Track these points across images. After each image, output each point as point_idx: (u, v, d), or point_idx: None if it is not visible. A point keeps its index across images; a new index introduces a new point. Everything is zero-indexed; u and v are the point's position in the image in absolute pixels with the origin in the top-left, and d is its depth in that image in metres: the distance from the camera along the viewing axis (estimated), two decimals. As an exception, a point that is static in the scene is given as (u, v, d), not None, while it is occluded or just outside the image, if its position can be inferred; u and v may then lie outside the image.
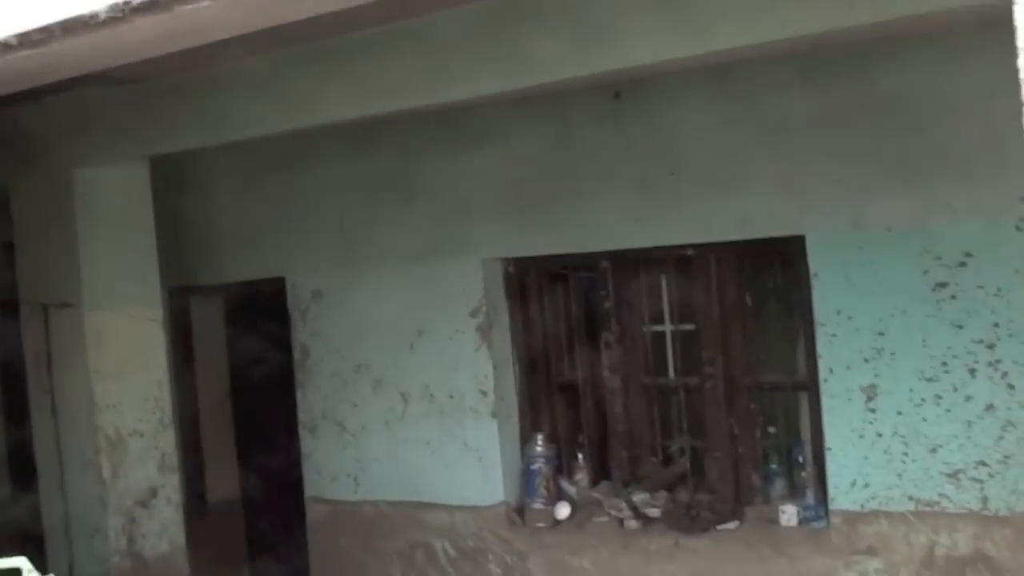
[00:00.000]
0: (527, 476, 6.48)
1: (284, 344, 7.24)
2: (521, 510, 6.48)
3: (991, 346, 5.08)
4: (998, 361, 5.07)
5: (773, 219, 5.57)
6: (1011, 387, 5.05)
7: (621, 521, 6.17)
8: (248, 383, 7.95)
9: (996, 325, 5.05)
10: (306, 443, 7.19)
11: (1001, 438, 5.09)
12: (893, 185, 5.20)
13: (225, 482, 8.05)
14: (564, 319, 6.69)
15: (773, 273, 6.01)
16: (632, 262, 6.32)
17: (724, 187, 5.65)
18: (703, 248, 5.97)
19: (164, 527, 6.51)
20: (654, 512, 6.11)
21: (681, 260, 6.14)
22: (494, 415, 6.43)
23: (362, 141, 6.54)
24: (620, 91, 5.84)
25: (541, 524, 6.37)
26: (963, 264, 5.10)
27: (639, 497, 6.19)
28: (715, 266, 6.03)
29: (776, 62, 5.29)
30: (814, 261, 5.46)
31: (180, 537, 6.57)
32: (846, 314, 5.39)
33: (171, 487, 6.53)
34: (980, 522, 5.16)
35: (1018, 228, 4.90)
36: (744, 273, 6.04)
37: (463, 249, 6.44)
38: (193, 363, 7.86)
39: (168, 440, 6.52)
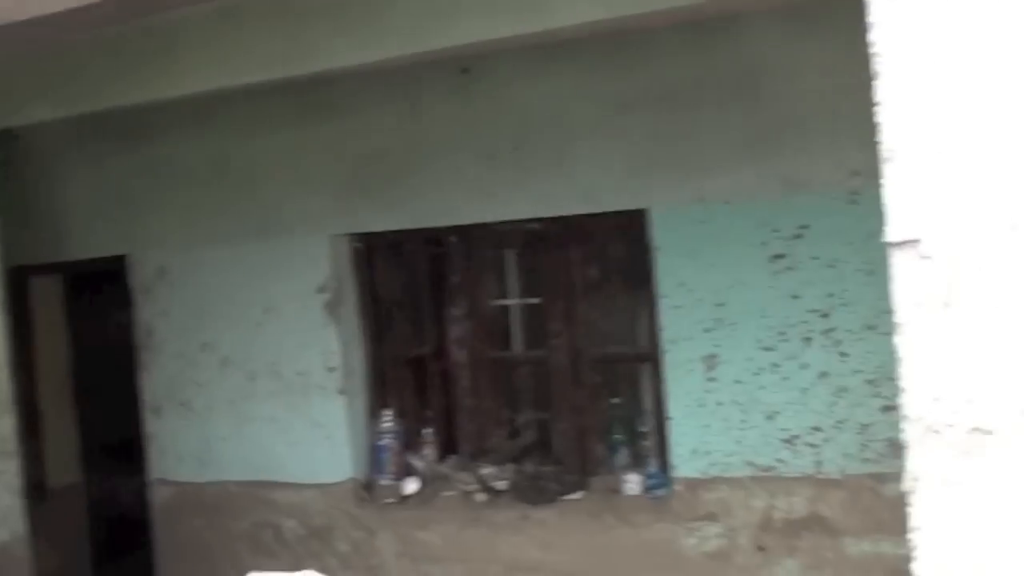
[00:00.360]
0: (375, 452, 6.50)
1: (128, 323, 7.11)
2: (369, 486, 6.49)
3: (825, 315, 5.27)
4: (832, 330, 5.26)
5: (617, 193, 5.68)
6: (844, 355, 5.25)
7: (469, 494, 6.23)
8: (90, 364, 7.80)
9: (830, 295, 5.24)
10: (151, 424, 7.08)
11: (834, 404, 5.29)
12: (733, 160, 5.36)
13: (67, 466, 7.87)
14: (412, 294, 6.71)
15: (617, 246, 6.11)
16: (479, 237, 6.37)
17: (569, 162, 5.74)
18: (549, 222, 6.06)
19: (4, 515, 6.32)
20: (501, 485, 6.18)
21: (527, 234, 6.22)
22: (342, 392, 6.42)
23: (207, 115, 6.46)
24: (468, 67, 5.89)
25: (389, 500, 6.39)
26: (799, 236, 5.28)
27: (486, 470, 6.25)
28: (560, 240, 6.12)
29: (619, 38, 5.40)
30: (657, 234, 5.59)
31: (21, 525, 6.38)
32: (688, 286, 5.53)
33: (10, 473, 6.35)
34: (815, 485, 5.35)
35: (851, 201, 5.09)
36: (589, 246, 6.13)
37: (310, 225, 6.41)
38: (33, 344, 7.67)
39: (6, 425, 6.34)
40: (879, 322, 4.98)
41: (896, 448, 5.03)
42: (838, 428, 5.28)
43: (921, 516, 1.87)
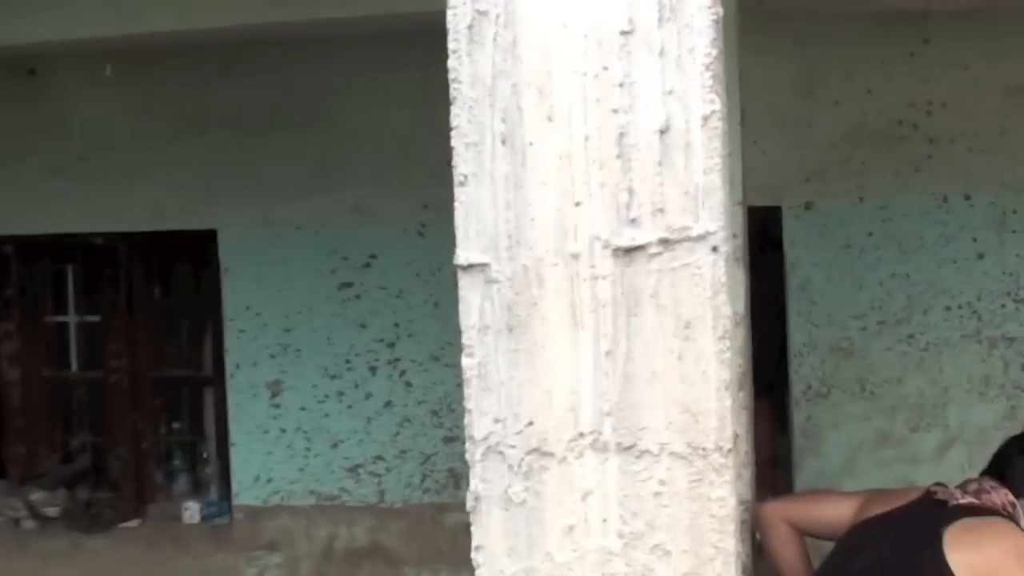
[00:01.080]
0: (-89, 476, 6.05)
1: None
2: (-96, 513, 6.03)
3: (391, 345, 5.34)
4: (398, 360, 5.35)
5: (186, 212, 5.54)
6: (409, 384, 5.34)
7: (17, 521, 5.93)
8: None
9: (397, 325, 5.33)
10: None
11: (398, 434, 5.37)
12: (305, 185, 5.34)
13: None
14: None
15: (184, 266, 5.99)
16: (38, 249, 6.07)
17: (137, 177, 5.53)
18: (113, 237, 5.86)
19: None
20: (53, 511, 5.92)
21: (90, 249, 5.99)
22: None
23: None
24: (35, 68, 5.59)
25: (-74, 527, 5.97)
26: (368, 265, 5.34)
27: (37, 496, 5.97)
28: (125, 257, 5.93)
29: (196, 55, 5.27)
30: (225, 256, 5.52)
31: None
32: (255, 310, 5.47)
33: None
34: (377, 515, 5.41)
35: (420, 233, 5.21)
36: (154, 265, 5.99)
37: None
38: None
39: None
40: (443, 353, 5.10)
41: (457, 478, 5.17)
42: (401, 458, 5.36)
43: (483, 535, 1.91)
